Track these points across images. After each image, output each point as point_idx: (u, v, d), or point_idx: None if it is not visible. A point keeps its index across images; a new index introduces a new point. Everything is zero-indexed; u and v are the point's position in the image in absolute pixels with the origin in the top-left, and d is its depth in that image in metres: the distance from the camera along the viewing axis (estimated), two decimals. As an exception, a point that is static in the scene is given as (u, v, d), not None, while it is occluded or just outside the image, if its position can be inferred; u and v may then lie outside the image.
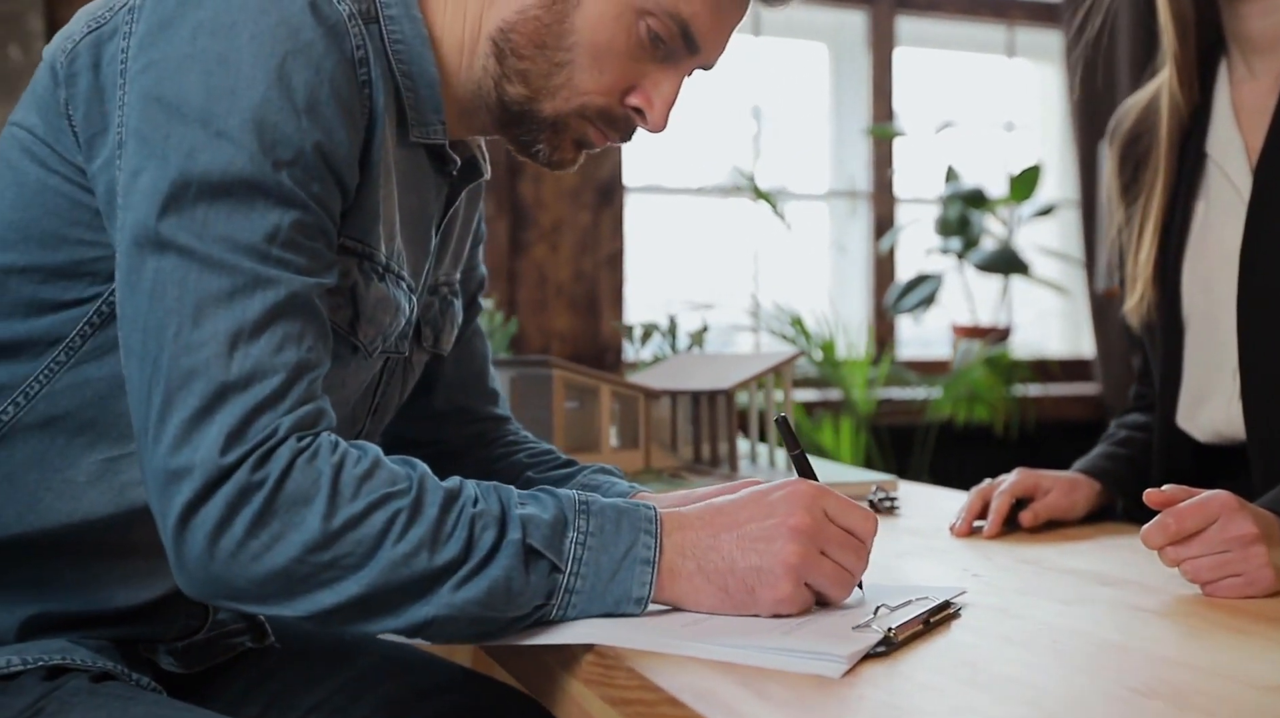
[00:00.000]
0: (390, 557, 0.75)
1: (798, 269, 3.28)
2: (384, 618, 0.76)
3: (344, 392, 0.92)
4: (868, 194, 3.32)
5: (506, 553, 0.77)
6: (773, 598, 0.80)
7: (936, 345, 3.41)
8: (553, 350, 2.91)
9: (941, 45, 3.51)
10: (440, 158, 0.95)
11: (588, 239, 2.98)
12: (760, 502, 0.82)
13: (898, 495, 1.34)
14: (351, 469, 0.75)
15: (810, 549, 0.80)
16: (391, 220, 0.89)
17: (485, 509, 0.78)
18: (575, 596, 0.79)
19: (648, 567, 0.80)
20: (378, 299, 0.88)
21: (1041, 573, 1.00)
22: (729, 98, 3.28)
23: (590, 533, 0.79)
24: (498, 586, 0.76)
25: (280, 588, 0.74)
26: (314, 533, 0.73)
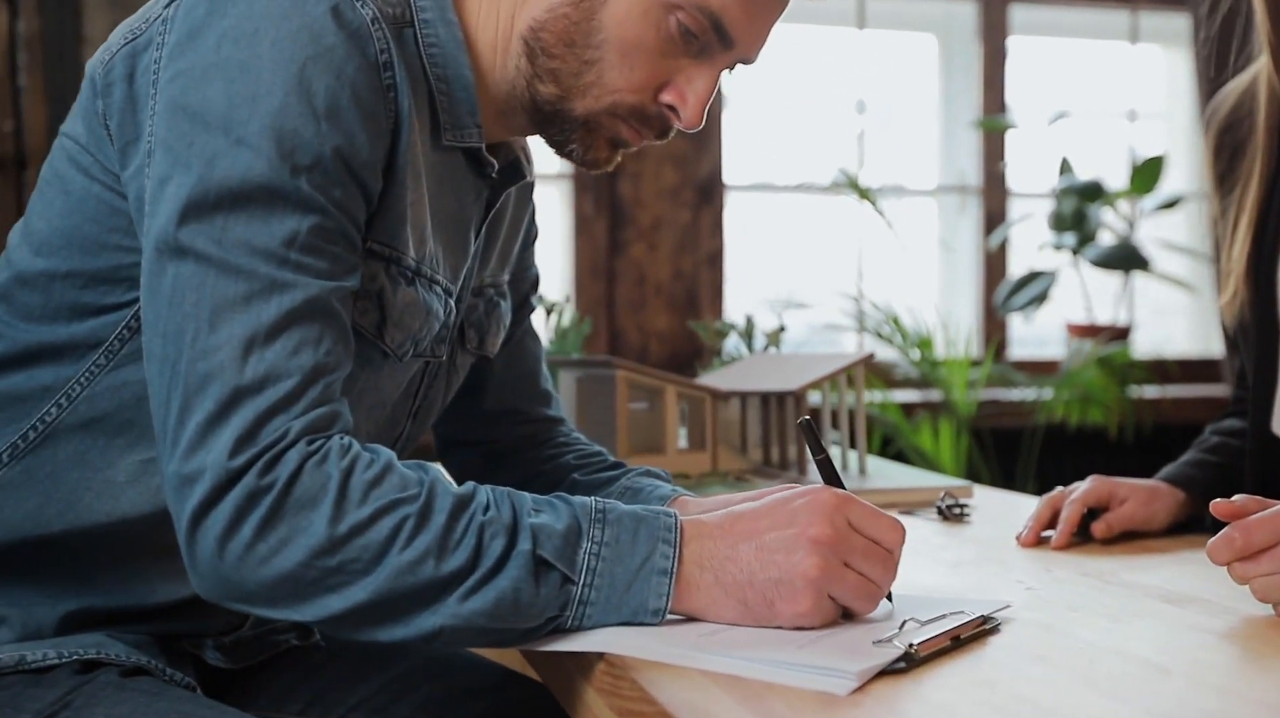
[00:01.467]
0: (396, 564, 0.74)
1: (904, 267, 3.20)
2: (393, 626, 0.76)
3: (379, 395, 0.93)
4: (978, 189, 3.22)
5: (516, 564, 0.75)
6: (792, 612, 0.77)
7: (1052, 345, 3.29)
8: (651, 350, 2.91)
9: (1058, 33, 3.38)
10: (478, 161, 0.94)
11: (687, 238, 2.96)
12: (781, 510, 0.79)
13: (968, 502, 1.29)
14: (361, 474, 0.75)
15: (831, 561, 0.77)
16: (422, 224, 0.89)
17: (495, 517, 0.77)
18: (589, 607, 0.77)
19: (665, 577, 0.78)
20: (406, 303, 0.88)
21: (1102, 588, 0.95)
22: (833, 93, 3.23)
23: (605, 543, 0.78)
24: (505, 597, 0.75)
25: (289, 592, 0.74)
26: (320, 537, 0.73)
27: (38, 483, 0.86)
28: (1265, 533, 0.85)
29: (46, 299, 0.87)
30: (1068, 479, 1.22)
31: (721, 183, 2.99)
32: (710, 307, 2.96)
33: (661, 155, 2.92)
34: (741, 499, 0.89)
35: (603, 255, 2.91)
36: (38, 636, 0.86)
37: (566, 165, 2.88)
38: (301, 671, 1.03)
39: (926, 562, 1.06)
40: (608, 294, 2.91)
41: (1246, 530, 0.85)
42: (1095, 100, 3.41)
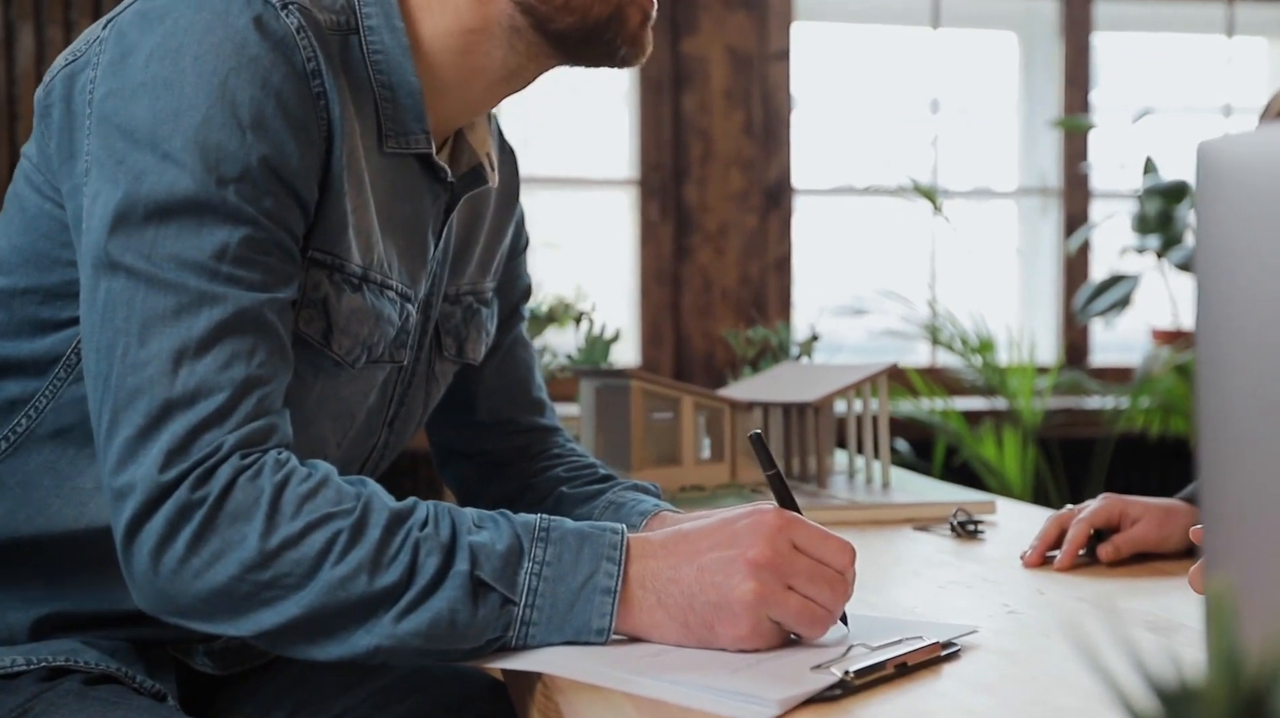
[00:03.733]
0: (329, 579, 0.74)
1: (980, 271, 3.12)
2: (328, 642, 0.76)
3: (343, 404, 0.93)
4: (1058, 191, 3.12)
5: (452, 584, 0.75)
6: (732, 636, 0.75)
7: (1138, 352, 3.17)
8: (716, 356, 2.89)
9: (1146, 28, 3.26)
10: (432, 166, 0.94)
11: (754, 243, 2.93)
12: (723, 531, 0.77)
13: (983, 519, 1.25)
14: (295, 488, 0.75)
15: (770, 584, 0.75)
16: (368, 229, 0.89)
17: (432, 534, 0.76)
18: (532, 627, 0.76)
19: (608, 597, 0.77)
20: (352, 310, 0.88)
21: (1087, 614, 0.90)
22: (908, 94, 3.16)
23: (547, 562, 0.77)
24: (441, 618, 0.74)
25: (223, 606, 0.75)
26: (252, 551, 0.74)
27: (9, 490, 0.89)
28: None
29: (9, 315, 0.89)
30: (1141, 492, 1.17)
31: (790, 187, 2.95)
32: (778, 312, 2.93)
33: (729, 160, 2.90)
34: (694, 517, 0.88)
35: (668, 261, 2.90)
36: (10, 640, 0.89)
37: (632, 172, 2.91)
38: (287, 679, 1.04)
39: (917, 581, 1.02)
40: (673, 300, 2.90)
41: None
42: (1186, 96, 3.28)
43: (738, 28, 2.90)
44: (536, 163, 3.07)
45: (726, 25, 2.89)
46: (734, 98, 2.90)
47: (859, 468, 1.47)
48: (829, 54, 3.15)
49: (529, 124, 3.08)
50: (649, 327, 2.90)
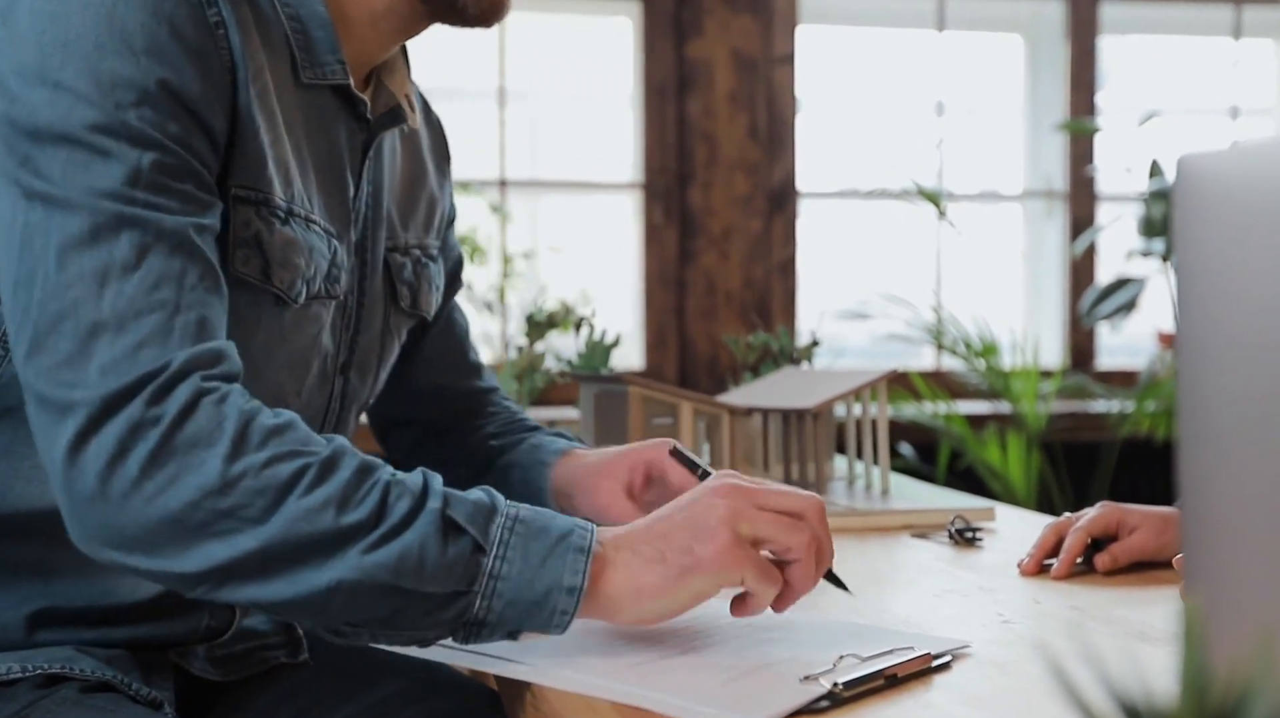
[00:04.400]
0: (293, 510, 0.71)
1: (985, 274, 3.12)
2: (279, 581, 0.72)
3: (294, 349, 0.92)
4: (1064, 194, 3.11)
5: (424, 521, 0.73)
6: (712, 551, 0.75)
7: (1145, 356, 3.16)
8: (720, 359, 2.88)
9: (1152, 30, 3.25)
10: (349, 100, 0.94)
11: (759, 246, 2.93)
12: (686, 496, 0.81)
13: (982, 526, 1.25)
14: (263, 420, 0.74)
15: (741, 504, 0.77)
16: (286, 163, 0.88)
17: (403, 480, 0.75)
18: (502, 582, 0.74)
19: (582, 555, 0.75)
20: (285, 243, 0.87)
21: (1083, 623, 0.90)
22: (913, 97, 3.16)
23: (520, 520, 0.76)
24: (410, 552, 0.72)
25: (171, 536, 0.71)
26: (213, 477, 0.71)
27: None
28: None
29: None
30: (1147, 496, 1.17)
31: (795, 190, 2.95)
32: (782, 316, 2.93)
33: (733, 163, 2.90)
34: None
35: (672, 265, 2.90)
36: (4, 640, 0.88)
37: (637, 175, 2.91)
38: (287, 688, 1.03)
39: (913, 590, 1.02)
40: (677, 303, 2.90)
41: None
42: (1193, 99, 3.27)
43: (742, 31, 2.90)
44: (541, 167, 3.07)
45: (731, 29, 2.89)
46: (738, 101, 2.90)
47: (858, 474, 1.46)
48: (834, 57, 3.14)
49: (534, 128, 3.08)
50: (653, 330, 2.90)
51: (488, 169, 2.84)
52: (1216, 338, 0.47)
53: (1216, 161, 0.47)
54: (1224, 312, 0.46)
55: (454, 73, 3.01)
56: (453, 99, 3.12)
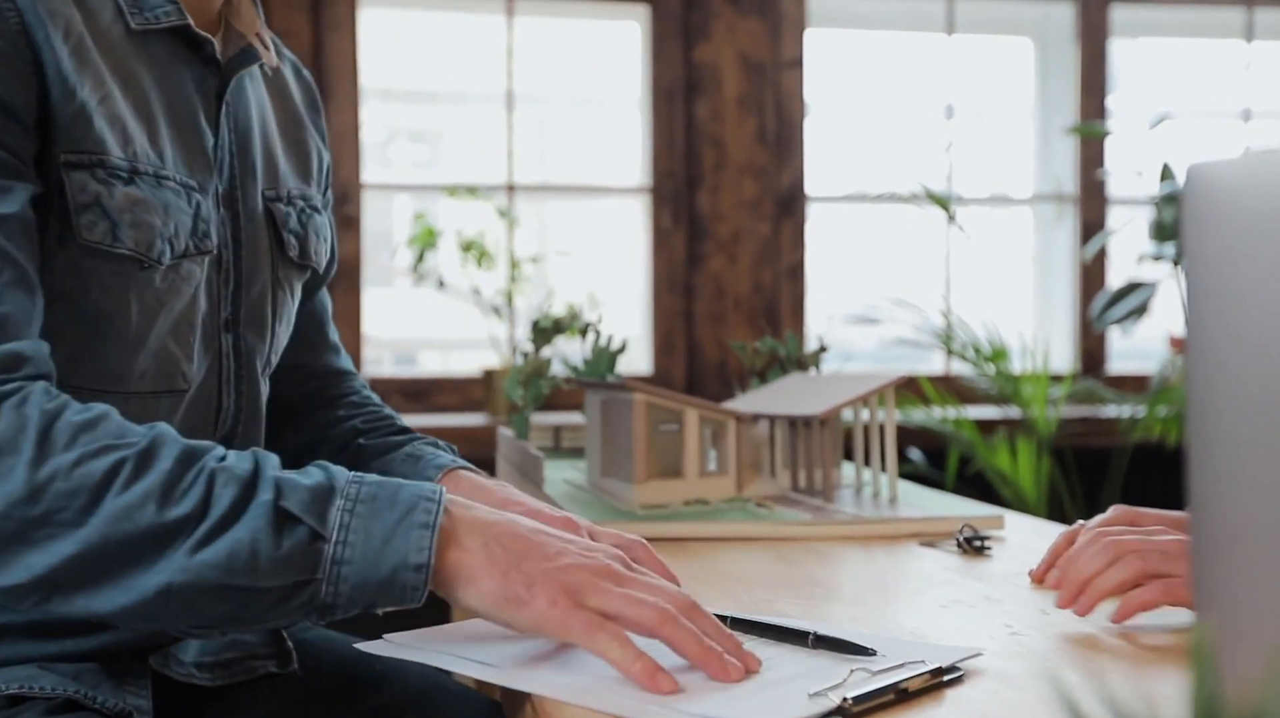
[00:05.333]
0: (111, 509, 0.69)
1: (995, 279, 3.10)
2: (111, 589, 0.69)
3: (171, 311, 0.90)
4: (1074, 197, 3.10)
5: (254, 514, 0.70)
6: (544, 606, 0.72)
7: (1156, 360, 3.14)
8: (729, 364, 2.87)
9: (1163, 33, 3.24)
10: (194, 43, 0.91)
11: (767, 250, 2.92)
12: (563, 524, 0.80)
13: (991, 535, 1.23)
14: (69, 417, 0.71)
15: (600, 579, 0.73)
16: (120, 119, 0.85)
17: (230, 467, 0.72)
18: (345, 567, 0.72)
19: (426, 531, 0.73)
20: (131, 203, 0.85)
21: (1092, 634, 0.89)
22: (922, 101, 3.15)
23: (360, 500, 0.73)
24: (240, 548, 0.69)
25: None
26: (19, 484, 0.68)
27: None
28: (1086, 561, 0.87)
29: None
30: (1159, 502, 1.16)
31: (803, 194, 2.94)
32: (791, 320, 2.92)
33: (741, 167, 2.89)
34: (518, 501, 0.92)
35: (680, 269, 2.89)
36: None
37: (645, 179, 2.90)
38: (278, 701, 1.02)
39: (920, 600, 1.01)
40: (685, 308, 2.89)
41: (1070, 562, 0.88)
42: (1205, 101, 3.25)
43: (750, 35, 2.89)
44: (549, 171, 3.07)
45: (739, 32, 2.88)
46: (747, 105, 2.89)
47: (866, 481, 1.45)
48: (843, 61, 3.13)
49: (542, 132, 3.08)
50: (661, 335, 2.89)
51: (495, 173, 2.83)
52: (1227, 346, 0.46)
53: (1226, 170, 0.46)
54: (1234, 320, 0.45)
55: (461, 77, 3.00)
56: (460, 103, 3.12)
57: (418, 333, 3.30)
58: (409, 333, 3.28)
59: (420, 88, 3.09)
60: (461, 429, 2.56)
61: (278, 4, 2.63)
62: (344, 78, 2.71)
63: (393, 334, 3.13)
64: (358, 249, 2.74)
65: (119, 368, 0.87)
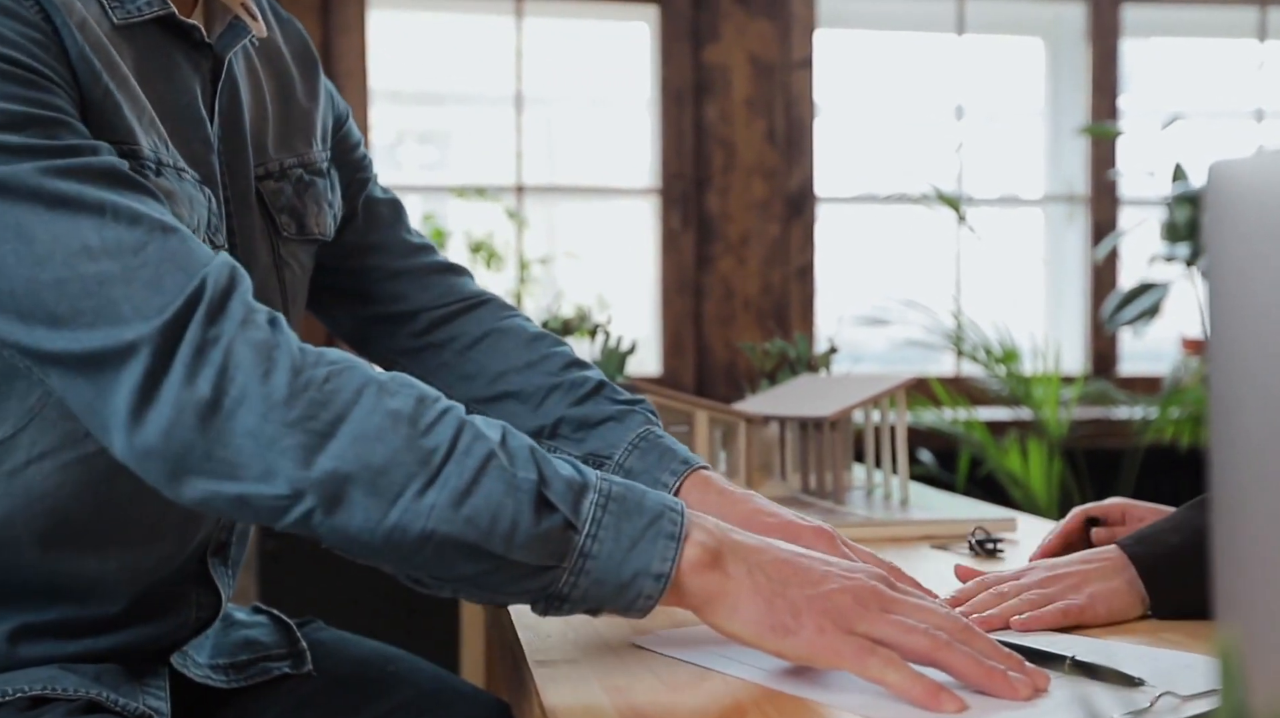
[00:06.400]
0: (362, 425, 0.69)
1: (1006, 280, 3.09)
2: (368, 509, 0.68)
3: None
4: (1085, 198, 3.08)
5: (518, 488, 0.69)
6: (814, 632, 0.69)
7: (1168, 361, 3.13)
8: (738, 365, 2.87)
9: (1174, 33, 3.22)
10: (180, 30, 0.89)
11: (777, 251, 2.91)
12: (814, 554, 0.76)
13: (1003, 537, 1.22)
14: (306, 348, 0.72)
15: (868, 602, 0.71)
16: (138, 112, 0.84)
17: (478, 424, 0.71)
18: (591, 561, 0.70)
19: (673, 542, 0.71)
20: (165, 195, 0.82)
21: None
22: (933, 101, 3.14)
23: (613, 498, 0.72)
24: (504, 515, 0.68)
25: (253, 453, 0.68)
26: (281, 386, 0.69)
27: None
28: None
29: None
30: (1167, 504, 1.16)
31: (813, 195, 2.93)
32: (800, 321, 2.91)
33: (751, 168, 2.88)
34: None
35: (690, 270, 2.89)
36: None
37: (654, 181, 2.89)
38: (292, 701, 1.02)
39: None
40: (695, 309, 2.89)
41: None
42: (1217, 101, 3.24)
43: (760, 36, 2.88)
44: (558, 172, 3.06)
45: (748, 33, 2.88)
46: (756, 106, 2.88)
47: (877, 483, 1.45)
48: (852, 62, 3.12)
49: (551, 134, 3.07)
50: (670, 336, 2.89)
51: (504, 175, 2.83)
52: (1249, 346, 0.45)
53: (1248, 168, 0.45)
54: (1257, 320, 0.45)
55: (470, 78, 3.00)
56: (469, 104, 3.11)
57: (427, 334, 3.29)
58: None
59: (429, 89, 3.09)
60: (470, 431, 2.55)
61: (286, 6, 2.63)
62: (353, 80, 2.71)
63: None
64: (367, 250, 2.74)
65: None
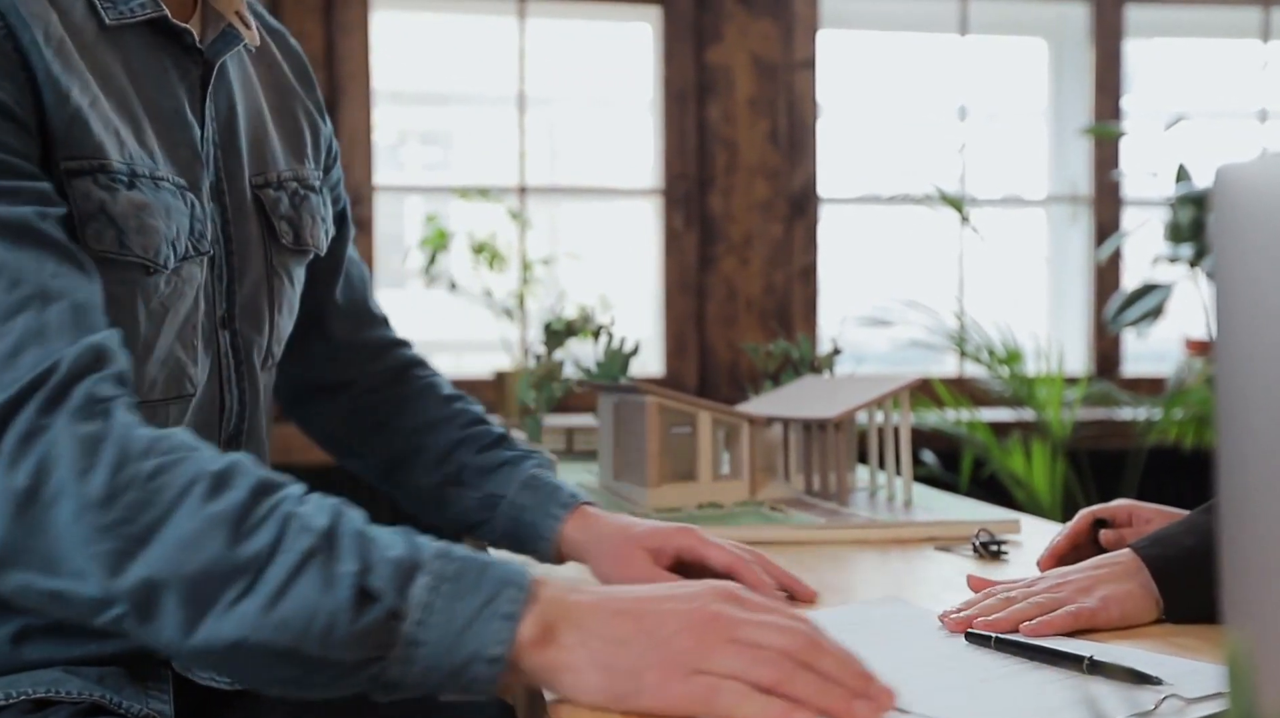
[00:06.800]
0: (178, 534, 0.65)
1: (1009, 280, 3.08)
2: (178, 621, 0.66)
3: (176, 315, 0.89)
4: (1089, 199, 3.08)
5: (336, 584, 0.66)
6: (658, 688, 0.67)
7: (1171, 362, 3.12)
8: (740, 366, 2.86)
9: (1178, 33, 3.22)
10: (172, 34, 0.89)
11: (779, 252, 2.91)
12: (663, 588, 0.73)
13: (1007, 538, 1.22)
14: (145, 429, 0.70)
15: (712, 638, 0.68)
16: (111, 122, 0.83)
17: (307, 516, 0.68)
18: (420, 648, 0.67)
19: (509, 622, 0.67)
20: (135, 207, 0.83)
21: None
22: (936, 102, 3.13)
23: (447, 578, 0.68)
24: (318, 616, 0.65)
25: (67, 551, 0.66)
26: (99, 488, 0.66)
27: None
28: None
29: None
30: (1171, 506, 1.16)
31: (815, 195, 2.93)
32: (803, 322, 2.91)
33: (753, 169, 2.88)
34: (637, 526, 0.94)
35: (692, 271, 2.88)
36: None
37: (657, 181, 2.89)
38: (294, 702, 1.02)
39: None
40: (697, 310, 2.88)
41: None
42: (1220, 102, 3.23)
43: (762, 36, 2.88)
44: (561, 173, 3.06)
45: (751, 34, 2.87)
46: (759, 107, 2.88)
47: (880, 485, 1.44)
48: (855, 62, 3.12)
49: (554, 134, 3.07)
50: (673, 337, 2.89)
51: (507, 175, 2.83)
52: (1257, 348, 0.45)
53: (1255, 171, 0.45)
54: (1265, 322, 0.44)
55: (473, 79, 3.00)
56: (472, 105, 3.11)
57: (429, 335, 3.29)
58: (420, 335, 3.26)
59: (432, 90, 3.09)
60: (473, 432, 2.56)
61: (290, 6, 2.63)
62: (356, 80, 2.71)
63: (404, 336, 3.13)
64: (370, 251, 2.74)
65: (132, 380, 0.85)
